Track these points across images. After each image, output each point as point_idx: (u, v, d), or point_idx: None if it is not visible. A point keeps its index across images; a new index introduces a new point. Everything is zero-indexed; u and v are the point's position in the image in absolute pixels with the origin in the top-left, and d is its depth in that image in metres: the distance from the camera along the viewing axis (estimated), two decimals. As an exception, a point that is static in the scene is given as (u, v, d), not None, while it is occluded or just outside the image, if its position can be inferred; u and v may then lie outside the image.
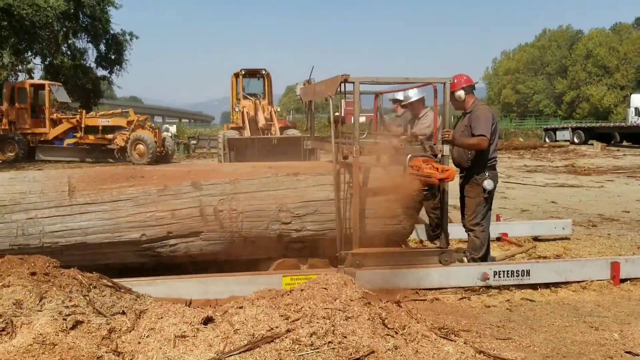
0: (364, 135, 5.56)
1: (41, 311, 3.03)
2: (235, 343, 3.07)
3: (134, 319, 3.28)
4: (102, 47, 32.53)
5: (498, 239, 6.89)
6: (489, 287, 4.88)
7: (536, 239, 7.00)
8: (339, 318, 3.18)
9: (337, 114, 5.59)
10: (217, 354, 2.97)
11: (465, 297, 4.70)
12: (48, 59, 29.49)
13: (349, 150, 4.71)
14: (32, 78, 27.15)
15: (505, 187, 12.94)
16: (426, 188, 4.84)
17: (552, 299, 4.79)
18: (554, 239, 7.04)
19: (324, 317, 3.16)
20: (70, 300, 3.15)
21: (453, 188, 5.30)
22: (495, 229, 6.87)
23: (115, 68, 33.16)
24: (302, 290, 3.56)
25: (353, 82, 4.69)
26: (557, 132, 34.84)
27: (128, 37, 33.12)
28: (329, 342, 2.99)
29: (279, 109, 16.63)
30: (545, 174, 16.65)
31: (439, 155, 4.85)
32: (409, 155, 4.83)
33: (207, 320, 3.32)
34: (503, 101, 67.58)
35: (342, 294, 3.44)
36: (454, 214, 8.90)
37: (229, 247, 4.81)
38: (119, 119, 21.36)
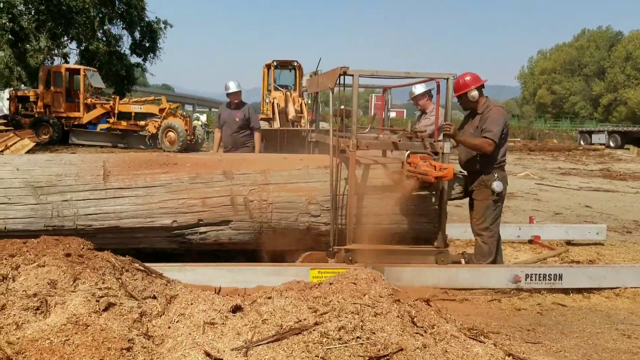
0: (367, 130, 5.48)
1: (75, 292, 3.07)
2: (263, 333, 3.07)
3: (165, 304, 3.31)
4: (137, 34, 32.91)
5: (530, 242, 6.78)
6: (520, 289, 4.79)
7: (569, 243, 6.86)
8: (367, 314, 3.15)
9: (342, 107, 5.55)
10: (246, 343, 2.97)
11: (495, 299, 4.63)
12: (83, 44, 29.94)
13: (345, 144, 4.65)
14: (67, 62, 27.64)
15: (539, 189, 12.73)
16: (424, 186, 4.73)
17: (584, 305, 4.69)
18: (587, 244, 6.89)
19: (352, 312, 3.13)
20: (103, 283, 3.19)
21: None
22: (527, 232, 6.76)
23: (149, 55, 33.55)
24: (330, 284, 3.55)
25: (352, 75, 4.62)
26: (593, 135, 34.11)
27: (162, 25, 33.46)
28: (357, 337, 2.96)
29: (309, 102, 16.56)
30: (580, 177, 16.31)
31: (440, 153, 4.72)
32: (407, 152, 4.72)
33: (236, 309, 3.33)
34: (538, 101, 66.38)
35: (372, 290, 3.41)
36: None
37: (257, 237, 4.82)
38: (151, 106, 21.63)
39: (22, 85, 26.00)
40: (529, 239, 6.81)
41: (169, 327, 3.10)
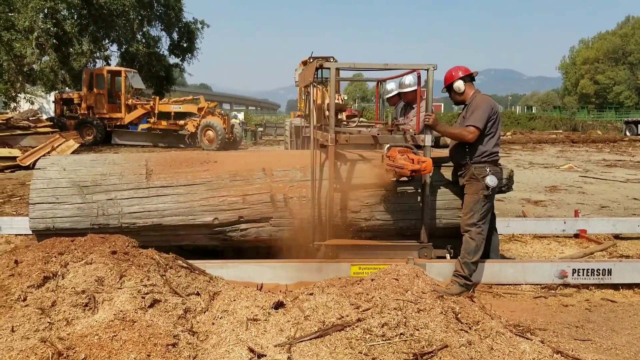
0: (354, 125, 5.37)
1: (121, 288, 3.13)
2: (306, 329, 3.07)
3: (208, 300, 3.35)
4: (175, 35, 33.49)
5: (576, 236, 6.58)
6: (566, 285, 4.67)
7: (617, 237, 6.63)
8: (410, 310, 3.12)
9: (337, 101, 5.44)
10: (289, 339, 2.98)
11: (542, 296, 4.51)
12: (124, 47, 30.65)
13: (324, 138, 4.59)
14: (109, 65, 28.34)
15: (583, 181, 12.36)
16: (402, 180, 4.58)
17: (635, 301, 4.52)
18: (637, 238, 6.65)
19: (395, 309, 3.11)
20: (148, 280, 3.25)
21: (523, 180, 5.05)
22: (573, 225, 6.57)
23: (186, 56, 34.09)
24: (372, 280, 3.53)
25: (329, 68, 4.52)
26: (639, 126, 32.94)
27: (199, 26, 33.92)
28: (401, 334, 2.93)
29: (345, 97, 16.49)
30: (626, 169, 15.75)
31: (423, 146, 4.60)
32: (387, 145, 4.61)
33: (278, 305, 3.35)
34: (580, 92, 64.55)
35: (414, 286, 3.38)
36: (527, 207, 8.62)
37: (297, 233, 4.83)
38: (190, 105, 21.96)
39: (67, 88, 26.80)
40: (574, 233, 6.62)
41: (213, 324, 3.14)
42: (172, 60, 34.13)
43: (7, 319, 2.74)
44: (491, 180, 4.44)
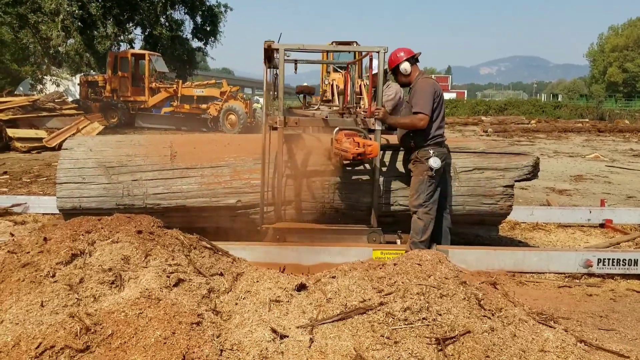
0: (316, 107, 5.29)
1: (146, 267, 3.17)
2: (328, 312, 3.09)
3: (232, 281, 3.38)
4: (198, 18, 33.49)
5: (601, 226, 6.49)
6: (591, 275, 4.61)
7: (644, 227, 6.52)
8: (433, 295, 3.10)
9: (305, 84, 5.36)
10: (311, 321, 3.00)
11: (566, 285, 4.46)
12: (148, 30, 30.77)
13: (273, 121, 4.55)
14: (133, 48, 28.51)
15: (609, 171, 12.15)
16: (349, 163, 4.59)
17: (662, 292, 4.45)
18: (665, 229, 6.52)
19: (418, 293, 3.10)
20: (173, 259, 3.29)
21: (549, 169, 4.97)
22: (598, 215, 6.48)
23: (209, 39, 34.10)
24: (395, 264, 3.52)
25: (277, 49, 4.48)
26: (668, 115, 32.18)
27: (223, 9, 33.87)
28: (423, 319, 2.93)
29: (368, 83, 16.34)
30: (654, 159, 15.44)
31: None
32: (337, 128, 4.56)
33: (301, 287, 3.36)
34: (608, 80, 63.15)
35: (437, 271, 3.36)
36: (552, 196, 8.50)
37: (320, 217, 4.84)
38: (212, 89, 22.02)
39: (92, 71, 27.06)
40: (600, 222, 6.52)
41: (236, 304, 3.17)
42: (195, 44, 34.18)
43: (37, 294, 2.80)
44: (434, 162, 4.45)
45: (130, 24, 30.14)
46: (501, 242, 5.68)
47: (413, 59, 4.65)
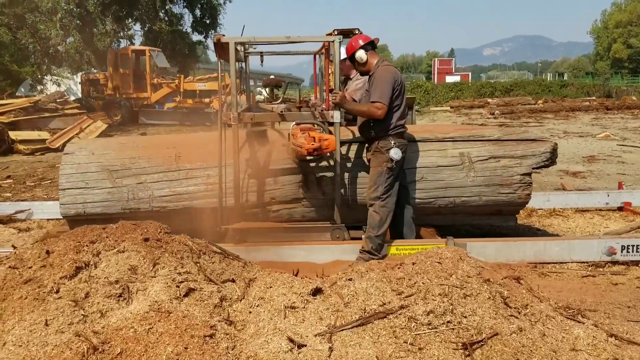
0: (279, 101, 5.13)
1: (155, 277, 3.03)
2: (347, 317, 2.94)
3: (244, 287, 3.23)
4: (197, 12, 33.22)
5: (620, 209, 6.31)
6: (615, 262, 4.45)
7: (665, 209, 6.33)
8: (456, 296, 2.95)
9: (272, 76, 5.21)
10: (329, 328, 2.86)
11: (589, 274, 4.30)
12: (147, 26, 30.56)
13: (227, 117, 4.39)
14: (133, 44, 28.30)
15: (622, 150, 11.93)
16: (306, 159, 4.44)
17: (690, 278, 4.28)
18: (686, 210, 6.33)
19: (440, 294, 2.95)
20: (182, 267, 3.15)
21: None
22: (616, 198, 6.30)
23: (210, 32, 33.81)
24: (413, 263, 3.36)
25: (228, 42, 4.29)
26: (676, 90, 31.72)
27: (222, 1, 33.57)
28: (448, 322, 2.78)
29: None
30: (666, 135, 15.18)
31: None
32: (294, 123, 4.41)
33: (316, 292, 3.21)
34: (613, 56, 62.29)
35: (459, 270, 3.20)
36: (566, 179, 8.31)
37: (330, 213, 4.69)
38: (214, 83, 21.83)
39: (92, 69, 26.91)
40: (618, 206, 6.34)
41: (250, 312, 3.03)
42: (196, 37, 33.93)
43: (41, 313, 2.66)
44: (395, 153, 4.26)
45: (130, 20, 29.94)
46: (518, 231, 5.52)
47: (369, 46, 4.44)
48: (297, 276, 3.52)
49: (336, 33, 17.58)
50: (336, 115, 4.36)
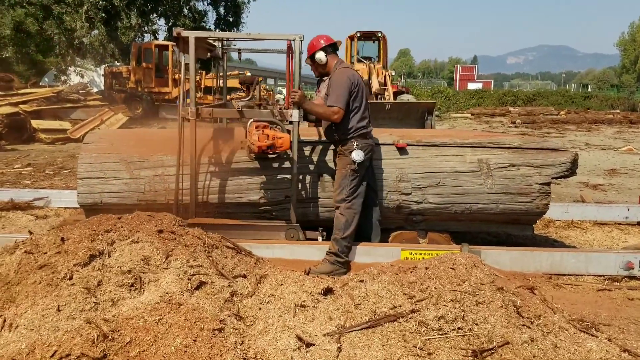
0: (248, 98, 5.09)
1: (167, 269, 3.05)
2: (356, 318, 2.93)
3: (255, 284, 3.23)
4: (221, 9, 33.39)
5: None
6: (632, 277, 4.37)
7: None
8: (469, 303, 2.92)
9: (248, 74, 5.19)
10: (338, 328, 2.85)
11: (605, 288, 4.22)
12: (171, 21, 30.77)
13: (185, 112, 4.36)
14: (156, 39, 28.52)
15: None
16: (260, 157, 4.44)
17: None
18: None
19: (452, 300, 2.92)
20: (194, 260, 3.15)
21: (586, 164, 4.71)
22: (637, 213, 6.20)
23: (232, 30, 33.96)
24: (426, 268, 3.34)
25: (188, 37, 4.28)
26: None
27: (246, 0, 33.71)
28: (459, 328, 2.75)
29: (393, 73, 16.02)
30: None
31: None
32: (250, 120, 4.38)
33: (327, 291, 3.20)
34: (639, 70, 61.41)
35: (472, 276, 3.17)
36: (586, 192, 8.19)
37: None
38: (235, 80, 21.92)
39: (116, 62, 27.16)
40: (638, 220, 6.22)
41: (260, 308, 3.03)
42: (218, 34, 34.05)
43: (53, 298, 2.69)
44: (357, 155, 4.22)
45: (154, 15, 30.15)
46: (535, 241, 5.45)
47: (330, 48, 4.42)
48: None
49: (359, 35, 17.55)
50: (295, 115, 4.36)
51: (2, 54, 24.15)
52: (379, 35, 17.21)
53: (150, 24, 29.52)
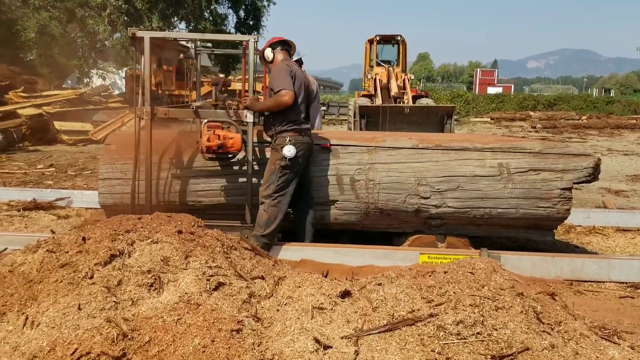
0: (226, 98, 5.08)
1: (186, 269, 3.07)
2: (374, 322, 2.92)
3: (273, 285, 3.24)
4: (242, 13, 33.62)
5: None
6: (656, 285, 4.29)
7: None
8: (488, 308, 2.89)
9: (221, 76, 5.22)
10: (356, 331, 2.84)
11: (628, 296, 4.15)
12: (192, 24, 31.04)
13: (141, 112, 4.36)
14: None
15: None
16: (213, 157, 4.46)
17: None
18: None
19: (471, 305, 2.89)
20: (213, 261, 3.17)
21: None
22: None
23: (252, 34, 34.17)
24: (445, 272, 3.31)
25: (142, 38, 4.30)
26: None
27: (266, 3, 33.88)
28: (478, 334, 2.72)
29: (412, 77, 15.96)
30: None
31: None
32: (205, 121, 4.38)
33: (345, 294, 3.19)
34: (662, 74, 60.40)
35: (491, 282, 3.14)
36: (608, 197, 8.07)
37: (363, 218, 4.67)
38: (256, 83, 22.05)
39: (137, 65, 27.45)
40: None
41: (278, 310, 3.03)
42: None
43: (74, 297, 2.72)
44: (288, 151, 4.17)
45: (175, 19, 30.45)
46: (555, 247, 5.38)
47: (279, 45, 4.48)
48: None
49: (378, 38, 17.51)
50: (249, 115, 4.37)
51: (26, 57, 24.59)
52: (399, 38, 17.17)
53: (171, 28, 29.80)
